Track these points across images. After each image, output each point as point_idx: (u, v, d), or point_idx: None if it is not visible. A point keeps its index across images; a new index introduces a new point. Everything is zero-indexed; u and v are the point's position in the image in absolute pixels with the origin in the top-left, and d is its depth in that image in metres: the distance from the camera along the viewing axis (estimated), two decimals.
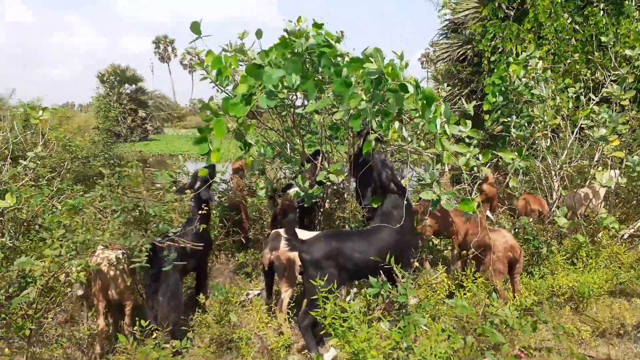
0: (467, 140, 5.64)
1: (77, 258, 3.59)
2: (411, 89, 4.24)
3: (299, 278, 4.27)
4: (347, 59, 4.79)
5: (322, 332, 3.97)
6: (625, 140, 6.41)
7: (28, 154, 5.42)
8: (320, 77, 4.58)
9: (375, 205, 4.51)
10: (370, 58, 4.31)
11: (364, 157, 4.91)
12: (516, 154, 5.16)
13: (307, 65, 4.76)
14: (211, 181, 4.30)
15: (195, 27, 4.55)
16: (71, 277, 3.67)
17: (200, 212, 4.31)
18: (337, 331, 2.83)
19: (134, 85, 31.53)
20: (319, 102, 4.43)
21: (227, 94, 4.93)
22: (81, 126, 14.07)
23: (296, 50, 4.48)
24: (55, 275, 3.66)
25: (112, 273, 3.84)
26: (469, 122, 5.04)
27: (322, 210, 5.68)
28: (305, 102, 4.81)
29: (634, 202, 6.60)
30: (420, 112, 4.43)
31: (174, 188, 4.46)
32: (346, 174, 5.93)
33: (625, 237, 6.03)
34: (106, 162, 8.21)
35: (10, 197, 4.04)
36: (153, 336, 3.41)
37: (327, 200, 5.86)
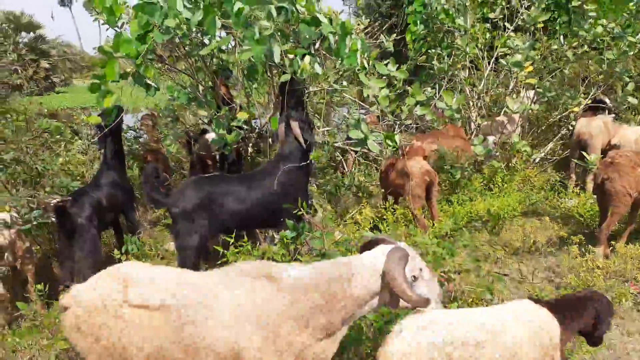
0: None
1: None
2: (325, 19, 3.99)
3: None
4: None
5: None
6: (537, 67, 6.60)
7: None
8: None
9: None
10: None
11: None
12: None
13: None
14: (106, 130, 3.88)
15: None
16: None
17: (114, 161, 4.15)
18: None
19: (32, 34, 28.29)
20: (221, 41, 4.04)
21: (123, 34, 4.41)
22: None
23: None
24: None
25: (3, 238, 3.44)
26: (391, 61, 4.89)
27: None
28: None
29: (544, 127, 6.92)
30: (337, 46, 4.20)
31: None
32: (269, 117, 5.65)
33: (537, 161, 6.36)
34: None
35: None
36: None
37: (250, 145, 5.59)
